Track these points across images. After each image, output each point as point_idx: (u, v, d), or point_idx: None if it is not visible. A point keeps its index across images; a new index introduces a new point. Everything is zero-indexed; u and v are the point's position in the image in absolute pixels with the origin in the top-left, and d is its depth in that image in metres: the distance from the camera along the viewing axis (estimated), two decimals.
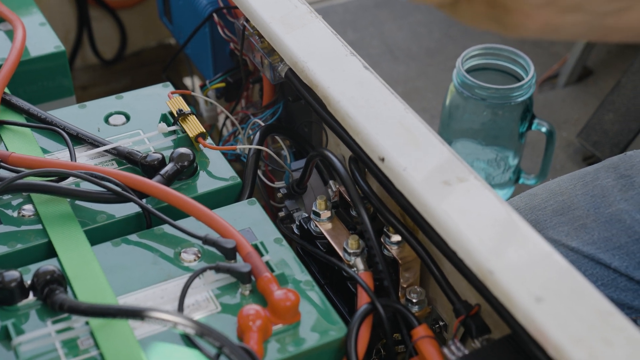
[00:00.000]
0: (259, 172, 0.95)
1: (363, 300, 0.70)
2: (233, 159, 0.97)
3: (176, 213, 0.75)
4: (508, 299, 0.59)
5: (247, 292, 0.69)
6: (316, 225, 0.79)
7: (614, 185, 0.74)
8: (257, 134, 0.86)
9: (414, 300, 0.74)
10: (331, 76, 0.78)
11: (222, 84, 1.02)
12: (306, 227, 0.81)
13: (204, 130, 0.83)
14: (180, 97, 0.86)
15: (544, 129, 1.07)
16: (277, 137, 0.94)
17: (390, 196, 0.72)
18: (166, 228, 0.75)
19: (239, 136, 0.98)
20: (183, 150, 0.80)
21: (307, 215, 0.82)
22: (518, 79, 1.08)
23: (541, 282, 0.58)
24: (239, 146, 0.87)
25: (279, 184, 0.91)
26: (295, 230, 0.83)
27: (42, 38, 0.97)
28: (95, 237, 0.74)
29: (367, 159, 0.73)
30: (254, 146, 0.84)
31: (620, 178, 0.74)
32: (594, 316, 0.56)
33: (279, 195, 0.91)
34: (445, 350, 0.66)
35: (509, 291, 0.59)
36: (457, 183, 0.66)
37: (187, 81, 1.30)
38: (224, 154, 0.85)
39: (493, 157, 1.09)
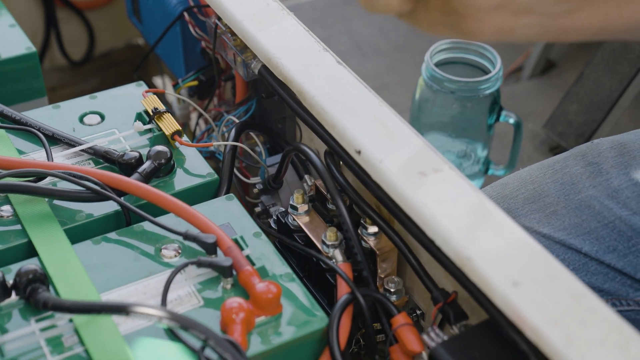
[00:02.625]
0: (235, 169, 0.96)
1: (343, 290, 0.71)
2: (208, 156, 0.98)
3: (155, 211, 0.75)
4: (486, 284, 0.60)
5: (228, 286, 0.70)
6: (294, 219, 0.80)
7: (582, 173, 0.76)
8: (233, 131, 0.87)
9: (392, 290, 0.76)
10: (305, 72, 0.79)
11: (195, 82, 1.03)
12: (284, 221, 0.82)
13: (180, 128, 0.83)
14: (155, 96, 0.86)
15: (511, 121, 1.10)
16: (251, 134, 0.95)
17: (366, 188, 0.74)
18: (146, 225, 0.76)
19: (213, 134, 0.99)
20: (160, 148, 0.80)
21: (284, 210, 0.83)
22: (485, 72, 1.10)
23: (517, 267, 0.60)
24: (215, 143, 0.88)
25: (254, 180, 0.92)
26: (273, 225, 0.84)
27: (12, 40, 0.97)
28: (75, 236, 0.74)
29: (343, 152, 0.74)
30: (230, 142, 0.85)
31: (588, 165, 0.76)
32: (569, 298, 0.58)
33: (255, 190, 0.92)
34: (425, 337, 0.68)
35: (487, 277, 0.60)
36: (433, 173, 0.68)
37: (157, 81, 1.30)
38: (199, 151, 0.85)
39: (463, 149, 1.11)
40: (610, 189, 0.73)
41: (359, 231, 0.77)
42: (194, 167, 0.83)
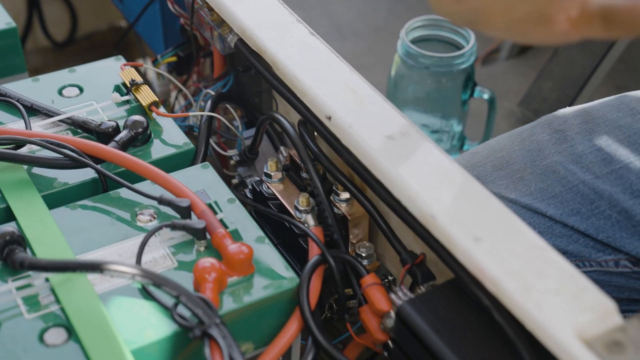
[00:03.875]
0: (213, 143, 0.98)
1: (314, 252, 0.73)
2: (187, 130, 1.00)
3: (131, 179, 0.77)
4: (449, 240, 0.62)
5: (202, 249, 0.72)
6: (268, 187, 0.82)
7: (548, 140, 0.78)
8: (209, 102, 0.88)
9: (363, 255, 0.77)
10: (279, 42, 0.81)
11: (174, 58, 1.05)
12: (258, 189, 0.83)
13: (157, 99, 0.85)
14: (133, 69, 0.88)
15: (485, 96, 1.12)
16: (229, 107, 0.97)
17: (338, 155, 0.75)
18: (122, 192, 0.77)
19: (191, 109, 1.01)
20: (137, 117, 0.82)
21: (259, 179, 0.85)
22: (460, 48, 1.12)
23: (479, 224, 0.62)
24: (192, 113, 0.90)
25: (231, 152, 0.94)
26: (248, 194, 0.86)
27: None
28: (53, 202, 0.76)
29: (315, 120, 0.76)
30: (206, 113, 0.87)
31: (554, 133, 0.78)
32: (529, 252, 0.60)
33: (232, 162, 0.94)
34: (393, 296, 0.70)
35: (450, 233, 0.62)
36: (400, 137, 0.70)
37: (140, 62, 1.32)
38: (179, 126, 0.87)
39: (438, 124, 1.13)
40: (575, 155, 0.75)
41: (331, 198, 0.79)
42: (171, 137, 0.84)
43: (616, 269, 0.72)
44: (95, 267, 0.64)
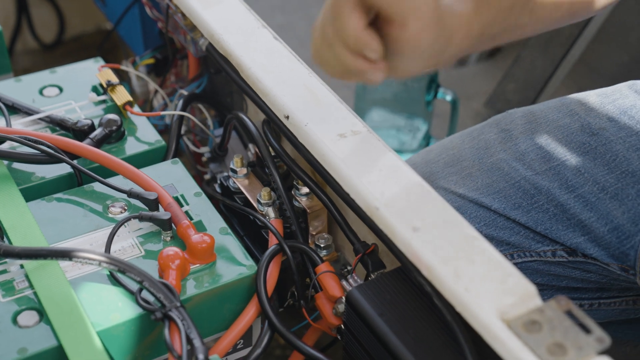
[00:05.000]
0: (188, 141, 1.03)
1: (272, 242, 0.78)
2: (162, 129, 1.05)
3: (105, 175, 0.82)
4: (391, 230, 0.68)
5: (168, 239, 0.77)
6: (234, 182, 0.87)
7: (495, 139, 0.83)
8: (181, 101, 0.94)
9: (322, 245, 0.82)
10: (244, 46, 0.86)
11: (151, 60, 1.10)
12: (225, 184, 0.89)
13: (131, 99, 0.90)
14: (110, 70, 0.93)
15: (448, 98, 1.17)
16: (202, 108, 1.02)
17: (297, 151, 0.81)
18: (96, 186, 0.82)
19: (167, 108, 1.06)
20: (111, 116, 0.87)
21: (227, 175, 0.90)
22: None
23: (419, 215, 0.67)
24: (163, 112, 0.95)
25: (203, 149, 0.99)
26: (217, 189, 0.91)
27: None
28: (30, 195, 0.81)
29: (276, 118, 0.81)
30: (177, 112, 0.92)
31: (501, 132, 0.83)
32: (462, 241, 0.65)
33: (204, 159, 0.99)
34: (344, 283, 0.75)
35: (391, 224, 0.67)
36: (352, 135, 0.75)
37: (118, 65, 1.36)
38: (154, 125, 0.92)
39: (404, 123, 1.19)
40: (518, 152, 0.80)
41: (292, 192, 0.84)
42: (144, 135, 0.89)
43: (553, 258, 0.77)
44: (65, 254, 0.69)
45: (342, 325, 0.76)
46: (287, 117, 0.78)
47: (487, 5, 0.60)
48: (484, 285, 0.61)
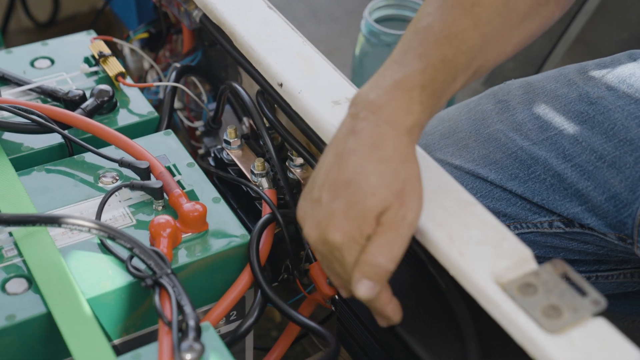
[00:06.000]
0: (182, 116, 1.02)
1: (266, 212, 0.77)
2: (157, 104, 1.04)
3: (97, 145, 0.81)
4: None
5: (160, 208, 0.76)
6: (228, 154, 0.86)
7: (492, 109, 0.82)
8: (173, 73, 0.92)
9: None
10: (237, 15, 0.85)
11: (145, 35, 1.08)
12: (219, 156, 0.88)
13: (124, 70, 0.89)
14: (102, 41, 0.92)
15: None
16: (196, 82, 1.01)
17: (291, 121, 0.79)
18: (87, 157, 0.81)
19: (161, 82, 1.04)
20: (103, 86, 0.86)
21: (220, 147, 0.89)
22: None
23: None
24: (156, 83, 0.94)
25: (197, 124, 0.98)
26: (211, 162, 0.90)
27: None
28: (21, 166, 0.80)
29: (270, 88, 0.80)
30: (170, 83, 0.91)
31: (498, 103, 0.82)
32: (457, 206, 0.64)
33: (198, 133, 0.98)
34: None
35: None
36: (346, 102, 0.74)
37: (110, 37, 1.35)
38: (149, 99, 0.91)
39: None
40: (515, 123, 0.79)
41: (286, 163, 0.83)
42: (136, 106, 0.88)
43: (550, 229, 0.76)
44: (54, 221, 0.68)
45: (336, 296, 0.75)
46: (281, 85, 0.77)
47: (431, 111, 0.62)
48: (478, 249, 0.60)
